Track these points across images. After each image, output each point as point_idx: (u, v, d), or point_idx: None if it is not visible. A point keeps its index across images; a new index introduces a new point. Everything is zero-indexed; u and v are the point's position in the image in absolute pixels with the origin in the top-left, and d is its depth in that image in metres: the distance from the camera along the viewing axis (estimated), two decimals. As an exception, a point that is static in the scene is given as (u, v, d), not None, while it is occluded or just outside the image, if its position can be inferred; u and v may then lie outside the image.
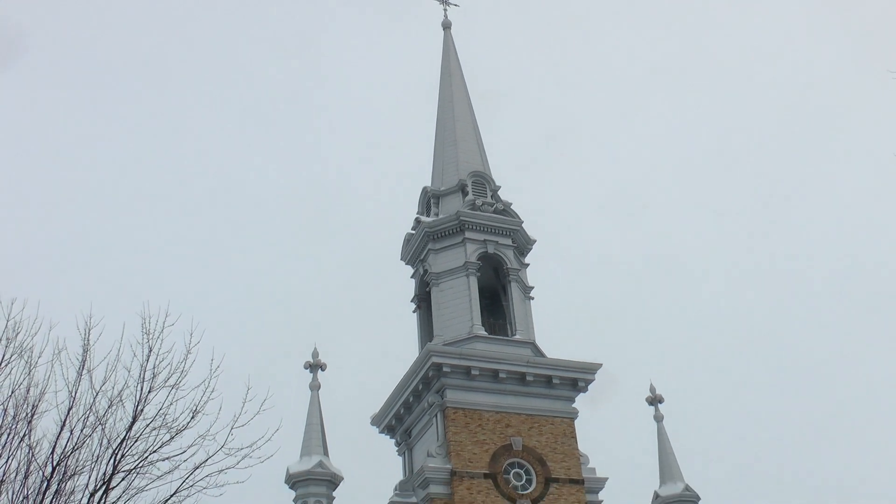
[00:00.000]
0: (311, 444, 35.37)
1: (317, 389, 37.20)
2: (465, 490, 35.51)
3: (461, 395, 37.39)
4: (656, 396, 43.62)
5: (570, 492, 37.24)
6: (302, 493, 34.33)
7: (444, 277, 41.52)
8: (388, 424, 42.30)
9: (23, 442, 15.29)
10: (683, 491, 41.01)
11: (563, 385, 39.17)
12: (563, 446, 38.13)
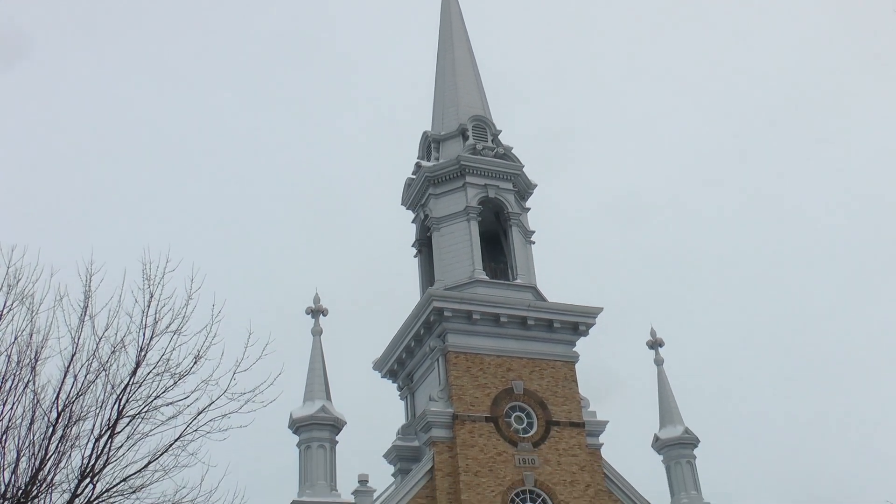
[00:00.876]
0: (314, 389, 35.59)
1: (318, 335, 37.33)
2: (467, 433, 35.83)
3: (462, 339, 37.56)
4: (657, 340, 43.81)
5: (571, 435, 37.58)
6: (305, 438, 34.61)
7: (445, 222, 41.47)
8: (390, 369, 42.57)
9: (27, 388, 15.37)
10: (683, 434, 41.38)
11: (564, 329, 39.33)
12: (564, 390, 38.39)
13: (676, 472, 41.17)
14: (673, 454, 41.33)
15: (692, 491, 40.56)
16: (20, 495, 14.69)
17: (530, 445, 36.65)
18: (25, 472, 15.02)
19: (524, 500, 35.86)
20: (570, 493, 36.29)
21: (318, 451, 34.33)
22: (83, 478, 15.13)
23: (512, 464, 35.95)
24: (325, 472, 34.02)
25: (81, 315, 15.43)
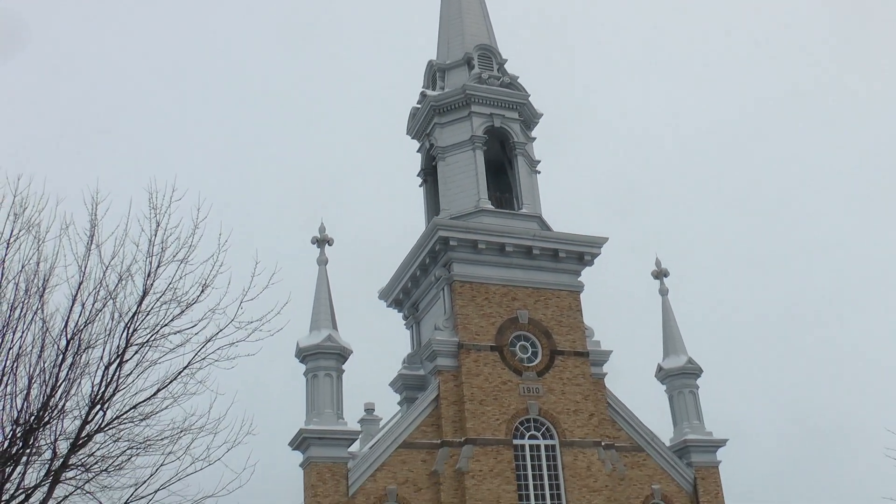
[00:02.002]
0: (320, 318, 35.76)
1: (324, 264, 37.38)
2: (472, 362, 36.13)
3: (468, 268, 37.64)
4: (661, 270, 43.85)
5: (575, 364, 37.88)
6: (312, 367, 34.89)
7: (451, 151, 41.24)
8: (396, 298, 42.77)
9: (36, 316, 15.43)
10: (686, 364, 41.66)
11: (570, 259, 39.37)
12: (569, 319, 38.58)
13: (679, 401, 41.55)
14: (676, 384, 41.67)
15: (694, 420, 40.97)
16: (33, 421, 14.87)
17: (535, 374, 36.97)
18: (37, 399, 15.19)
19: (528, 428, 36.30)
20: (574, 421, 36.72)
21: (325, 379, 34.63)
22: (93, 405, 15.29)
23: (516, 392, 36.31)
24: (331, 401, 34.37)
25: (88, 244, 15.43)
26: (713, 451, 40.47)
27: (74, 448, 15.11)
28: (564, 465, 35.94)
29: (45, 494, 15.23)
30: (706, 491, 39.40)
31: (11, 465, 15.03)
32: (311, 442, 33.30)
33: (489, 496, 34.15)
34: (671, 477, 39.10)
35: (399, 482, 34.21)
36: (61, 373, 15.30)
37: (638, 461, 38.65)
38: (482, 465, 34.54)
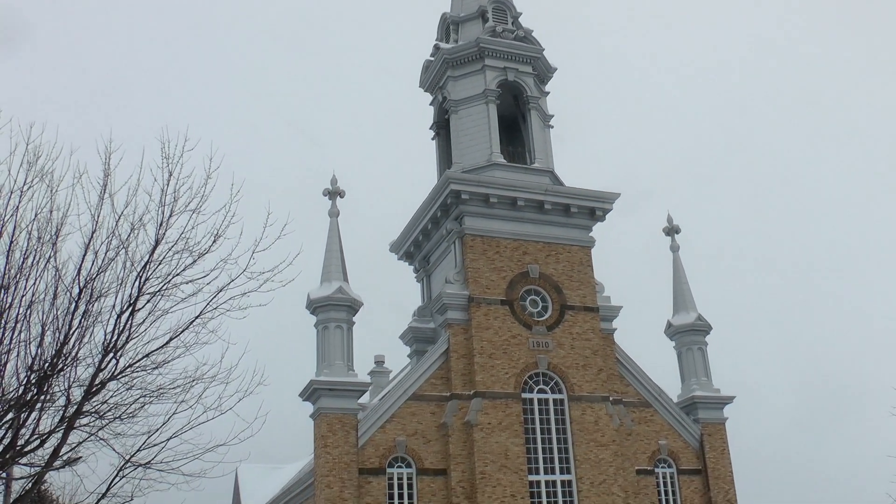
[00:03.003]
0: (331, 270, 35.84)
1: (336, 216, 37.37)
2: (483, 316, 36.24)
3: (479, 222, 37.60)
4: (673, 227, 43.74)
5: (585, 319, 37.97)
6: (323, 319, 35.03)
7: (463, 105, 40.99)
8: (407, 251, 42.82)
9: (49, 264, 15.49)
10: (696, 321, 41.71)
11: (581, 214, 39.29)
12: (580, 274, 38.60)
13: (688, 358, 41.68)
14: (685, 340, 41.77)
15: (703, 377, 41.14)
16: (46, 368, 15.00)
17: (544, 329, 37.09)
18: (51, 346, 15.30)
19: (537, 382, 36.50)
20: (583, 376, 36.89)
21: (336, 331, 34.80)
22: (106, 353, 15.39)
23: (526, 347, 36.46)
24: (342, 353, 34.56)
25: (101, 193, 15.44)
26: (720, 408, 40.68)
27: (88, 395, 15.25)
28: (572, 420, 36.19)
29: (60, 440, 15.40)
30: (712, 447, 39.66)
31: (26, 411, 15.18)
32: (322, 393, 33.57)
33: (497, 449, 34.45)
34: (678, 433, 39.35)
35: (408, 434, 34.51)
36: (74, 321, 15.38)
37: (645, 417, 38.90)
38: (491, 418, 34.80)
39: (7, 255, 15.27)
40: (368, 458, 33.72)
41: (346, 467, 32.93)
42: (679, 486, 38.81)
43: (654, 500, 37.97)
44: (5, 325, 15.13)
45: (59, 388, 15.62)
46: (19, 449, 15.24)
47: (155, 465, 16.09)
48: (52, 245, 15.48)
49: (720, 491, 39.05)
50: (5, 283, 15.19)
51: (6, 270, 15.24)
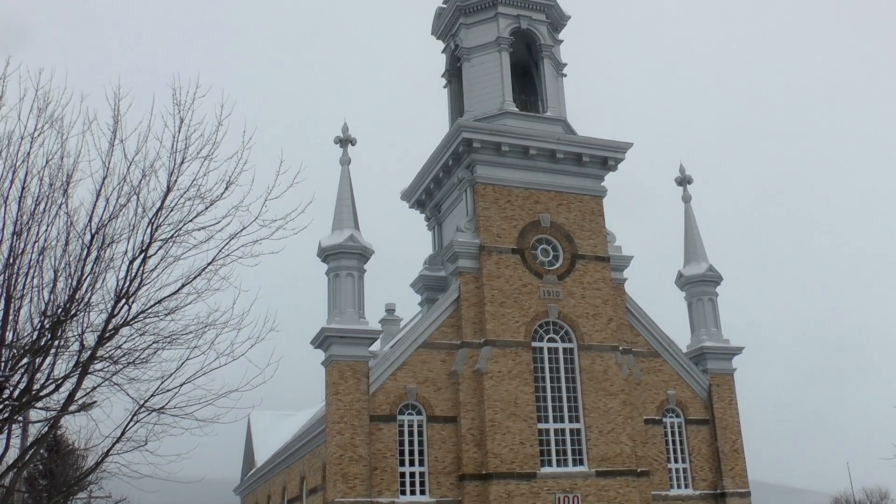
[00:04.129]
0: (343, 218, 35.83)
1: (347, 164, 37.26)
2: (493, 264, 36.26)
3: (491, 170, 37.46)
4: (685, 177, 43.50)
5: (596, 269, 37.97)
6: (334, 266, 35.11)
7: (476, 53, 40.59)
8: (418, 199, 42.74)
9: (60, 210, 15.50)
10: (706, 271, 41.65)
11: (593, 163, 39.08)
12: (591, 224, 38.52)
13: (698, 308, 41.71)
14: (695, 291, 41.76)
15: (712, 328, 41.20)
16: (60, 313, 15.10)
17: (555, 278, 37.12)
18: (63, 292, 15.38)
19: (547, 331, 36.61)
20: (593, 325, 36.99)
21: (347, 279, 34.90)
22: (119, 299, 15.46)
23: (536, 295, 36.53)
24: (353, 301, 34.69)
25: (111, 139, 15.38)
26: (729, 359, 40.81)
27: (101, 341, 15.36)
28: (582, 369, 36.38)
29: (74, 385, 15.55)
30: (720, 398, 39.86)
31: (41, 356, 15.32)
32: (333, 341, 33.77)
33: (507, 397, 34.69)
34: (686, 383, 39.54)
35: (419, 381, 34.77)
36: (86, 267, 15.43)
37: (654, 367, 39.07)
38: (501, 366, 34.99)
39: (19, 201, 15.29)
40: (379, 406, 34.01)
41: (358, 414, 33.24)
42: (686, 435, 39.10)
43: (662, 449, 38.29)
44: (18, 271, 15.20)
45: (72, 333, 15.73)
46: (35, 393, 15.40)
47: (168, 411, 16.26)
48: (64, 191, 15.47)
49: (727, 441, 39.33)
50: (18, 228, 15.22)
51: (18, 217, 15.27)
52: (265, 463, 50.78)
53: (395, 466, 33.68)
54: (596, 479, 35.06)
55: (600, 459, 35.39)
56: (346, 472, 32.48)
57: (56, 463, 36.04)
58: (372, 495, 32.75)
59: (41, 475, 36.84)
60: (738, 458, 39.23)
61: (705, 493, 38.48)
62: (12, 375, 15.03)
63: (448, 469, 34.23)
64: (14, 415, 15.54)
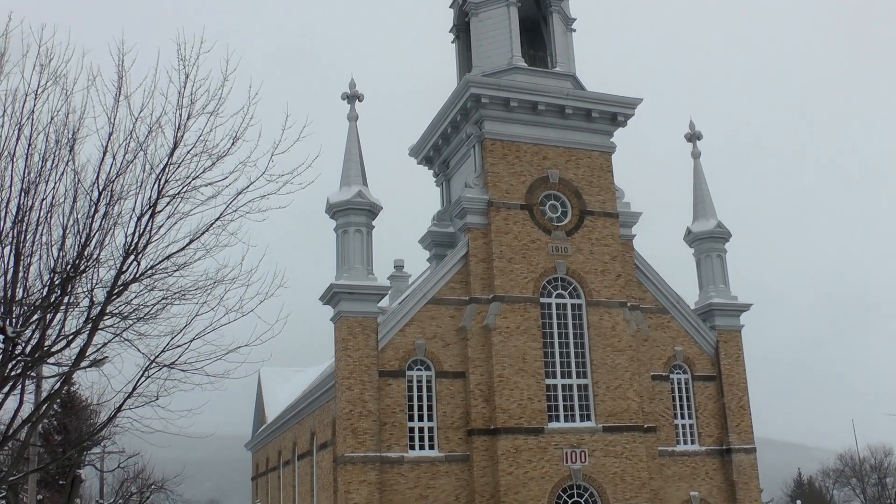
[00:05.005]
0: (350, 174, 35.77)
1: (354, 120, 37.11)
2: (502, 220, 36.22)
3: (499, 126, 37.27)
4: (695, 133, 43.22)
5: (605, 225, 37.90)
6: (342, 223, 35.11)
7: (484, 7, 40.15)
8: (427, 156, 42.60)
9: (67, 167, 15.50)
10: (715, 228, 41.54)
11: (602, 119, 38.84)
12: (600, 180, 38.38)
13: (706, 265, 41.67)
14: (704, 247, 41.69)
15: (720, 284, 41.19)
16: (69, 269, 15.16)
17: (564, 234, 37.08)
18: (72, 249, 15.42)
19: (556, 287, 36.66)
20: (601, 282, 37.01)
21: (355, 235, 34.93)
22: (127, 255, 15.50)
23: (545, 252, 36.53)
24: (361, 257, 34.75)
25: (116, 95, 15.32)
26: (737, 316, 40.84)
27: (111, 297, 15.44)
28: (590, 325, 36.47)
29: (86, 341, 15.66)
30: (727, 354, 39.97)
31: (52, 312, 15.41)
32: (342, 297, 33.89)
33: (515, 353, 34.85)
34: (694, 339, 39.63)
35: (427, 337, 34.92)
36: (94, 223, 15.46)
37: (662, 323, 39.14)
38: (509, 322, 35.11)
39: (26, 158, 15.28)
40: (388, 361, 34.22)
41: (367, 370, 33.46)
42: (693, 391, 39.28)
43: (669, 405, 38.50)
44: (27, 228, 15.24)
45: (82, 289, 15.81)
46: (47, 349, 15.52)
47: (179, 366, 16.37)
48: (70, 148, 15.46)
49: (734, 397, 39.50)
50: (26, 186, 15.24)
51: (26, 174, 15.27)
52: (276, 419, 51.26)
53: (405, 421, 33.97)
54: (603, 435, 35.32)
55: (607, 415, 35.62)
56: (356, 427, 32.77)
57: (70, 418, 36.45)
58: (381, 450, 33.08)
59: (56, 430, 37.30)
60: (744, 415, 39.43)
61: (711, 449, 38.75)
62: (24, 331, 15.14)
63: (456, 424, 34.51)
64: (27, 370, 15.68)
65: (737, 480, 38.36)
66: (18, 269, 15.09)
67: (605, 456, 35.08)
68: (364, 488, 32.34)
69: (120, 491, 45.57)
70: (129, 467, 43.72)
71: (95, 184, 15.31)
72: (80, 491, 38.82)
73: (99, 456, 41.58)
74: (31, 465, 25.73)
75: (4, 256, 15.03)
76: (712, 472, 38.44)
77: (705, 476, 38.24)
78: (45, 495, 37.71)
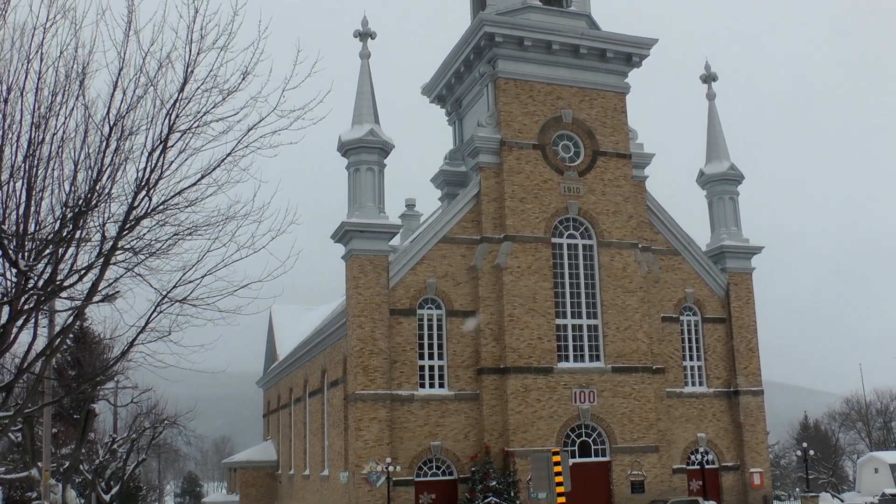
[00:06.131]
0: (363, 112, 35.56)
1: (367, 58, 36.77)
2: (514, 160, 36.05)
3: (513, 65, 36.90)
4: (710, 74, 42.73)
5: (617, 165, 37.69)
6: (354, 161, 35.02)
7: (499, -58, 39.49)
8: (439, 94, 42.30)
9: (78, 102, 15.40)
10: (728, 170, 41.28)
11: (617, 59, 38.41)
12: (613, 121, 38.08)
13: (718, 207, 41.50)
14: (716, 190, 41.48)
15: (732, 227, 41.06)
16: (81, 204, 15.15)
17: (576, 174, 36.92)
18: (84, 183, 15.39)
19: (567, 227, 36.62)
20: (613, 222, 36.93)
21: (367, 174, 34.86)
22: (139, 190, 15.46)
23: (557, 192, 36.41)
24: (373, 195, 34.73)
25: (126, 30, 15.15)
26: (748, 258, 40.77)
27: (122, 231, 15.43)
28: (601, 265, 36.49)
29: (98, 276, 15.70)
30: (738, 296, 39.98)
31: (64, 247, 15.44)
32: (353, 235, 33.94)
33: (526, 292, 34.94)
34: (704, 281, 39.63)
35: (438, 276, 35.02)
36: (106, 158, 15.39)
37: (673, 265, 39.11)
38: (520, 261, 35.14)
39: (35, 92, 15.19)
40: (399, 299, 34.37)
41: (378, 308, 33.62)
42: (703, 333, 39.40)
43: (678, 347, 38.65)
44: (38, 162, 15.21)
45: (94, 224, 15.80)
46: (59, 283, 15.58)
47: (191, 301, 16.38)
48: (80, 83, 15.33)
49: (743, 340, 39.61)
50: (36, 120, 15.17)
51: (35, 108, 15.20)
52: (287, 356, 51.72)
53: (415, 360, 34.24)
54: (612, 375, 35.55)
55: (616, 356, 35.81)
56: (367, 364, 33.05)
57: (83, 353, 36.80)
58: (392, 388, 33.39)
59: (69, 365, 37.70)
60: (752, 357, 39.58)
61: (718, 391, 38.99)
62: (36, 265, 15.18)
63: (466, 363, 34.77)
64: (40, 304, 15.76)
65: (743, 422, 38.66)
66: (30, 203, 15.08)
67: (613, 396, 35.34)
68: (374, 425, 32.73)
69: (133, 426, 46.19)
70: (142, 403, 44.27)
71: (106, 119, 15.20)
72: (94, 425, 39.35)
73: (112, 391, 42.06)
74: (45, 398, 26.05)
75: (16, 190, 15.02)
76: (719, 413, 38.73)
77: (712, 417, 38.54)
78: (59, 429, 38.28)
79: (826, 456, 70.49)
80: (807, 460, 41.80)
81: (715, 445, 38.19)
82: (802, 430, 77.36)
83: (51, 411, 30.01)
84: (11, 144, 15.08)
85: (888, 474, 48.46)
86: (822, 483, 65.62)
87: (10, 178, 14.88)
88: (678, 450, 37.32)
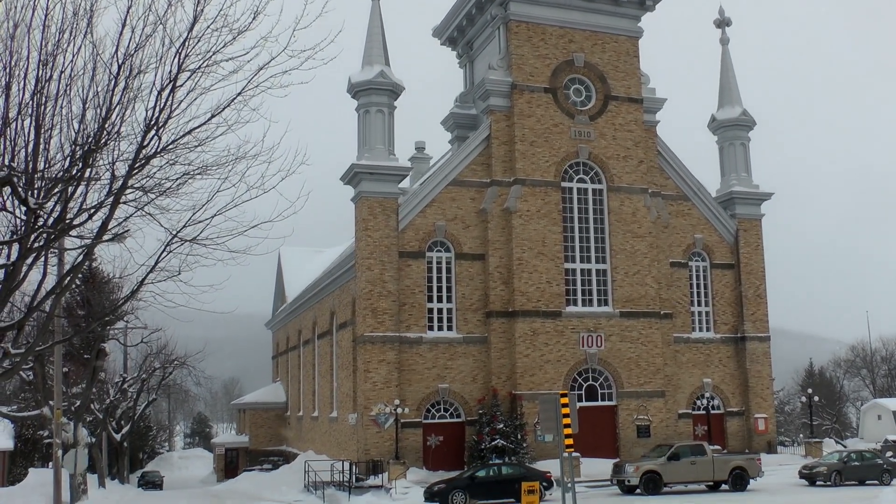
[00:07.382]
0: (373, 54, 35.22)
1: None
2: (525, 103, 35.76)
3: (525, 8, 36.43)
4: (724, 19, 42.16)
5: (629, 110, 37.38)
6: (364, 103, 34.79)
7: None
8: (450, 36, 41.86)
9: (86, 39, 15.22)
10: (740, 115, 40.93)
11: (630, 3, 37.88)
12: (625, 65, 37.68)
13: (729, 153, 41.24)
14: (728, 135, 41.18)
15: (743, 173, 40.84)
16: (90, 142, 15.07)
17: (587, 118, 36.64)
18: (93, 122, 15.29)
19: (577, 171, 36.45)
20: (623, 167, 36.74)
21: (377, 115, 34.64)
22: (148, 129, 15.36)
23: (567, 135, 36.17)
24: (383, 137, 34.56)
25: (136, -35, 14.93)
26: (758, 204, 40.59)
27: (132, 170, 15.37)
28: (610, 210, 36.38)
29: (107, 215, 15.67)
30: (747, 243, 39.90)
31: (73, 185, 15.39)
32: (363, 177, 33.84)
33: (535, 236, 34.92)
34: (714, 227, 39.52)
35: (448, 219, 34.98)
36: (115, 97, 15.26)
37: (683, 210, 38.97)
38: (530, 205, 35.06)
39: (42, 29, 15.01)
40: (408, 242, 34.38)
41: (387, 250, 33.65)
42: (711, 279, 39.39)
43: (686, 293, 38.69)
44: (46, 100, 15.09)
45: (103, 163, 15.74)
46: (69, 222, 15.55)
47: (201, 241, 16.36)
48: (88, 21, 15.14)
49: (751, 286, 39.61)
50: (44, 57, 15.02)
51: (43, 45, 15.03)
52: (296, 298, 51.92)
53: (424, 302, 34.35)
54: (620, 320, 35.65)
55: (625, 300, 35.87)
56: (376, 307, 33.18)
57: (93, 292, 36.94)
58: (400, 330, 33.56)
59: (79, 305, 37.87)
60: (760, 304, 39.61)
61: (726, 337, 39.10)
62: (46, 203, 15.15)
63: (475, 306, 34.87)
64: (49, 242, 15.76)
65: (749, 368, 38.84)
66: (39, 142, 15.01)
67: (620, 341, 35.48)
68: (383, 367, 32.96)
69: (143, 366, 46.62)
70: (152, 343, 44.61)
71: (115, 57, 15.06)
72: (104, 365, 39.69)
73: (122, 331, 42.34)
74: (55, 336, 26.23)
75: (25, 128, 14.92)
76: (726, 359, 38.90)
77: (718, 363, 38.72)
78: (70, 368, 38.63)
79: (830, 403, 70.88)
80: (811, 407, 42.01)
81: (720, 391, 38.42)
82: (807, 376, 77.72)
83: (61, 350, 30.26)
84: (19, 81, 14.96)
85: (891, 421, 48.74)
86: (826, 429, 66.09)
87: (18, 115, 14.77)
88: (684, 395, 37.56)
